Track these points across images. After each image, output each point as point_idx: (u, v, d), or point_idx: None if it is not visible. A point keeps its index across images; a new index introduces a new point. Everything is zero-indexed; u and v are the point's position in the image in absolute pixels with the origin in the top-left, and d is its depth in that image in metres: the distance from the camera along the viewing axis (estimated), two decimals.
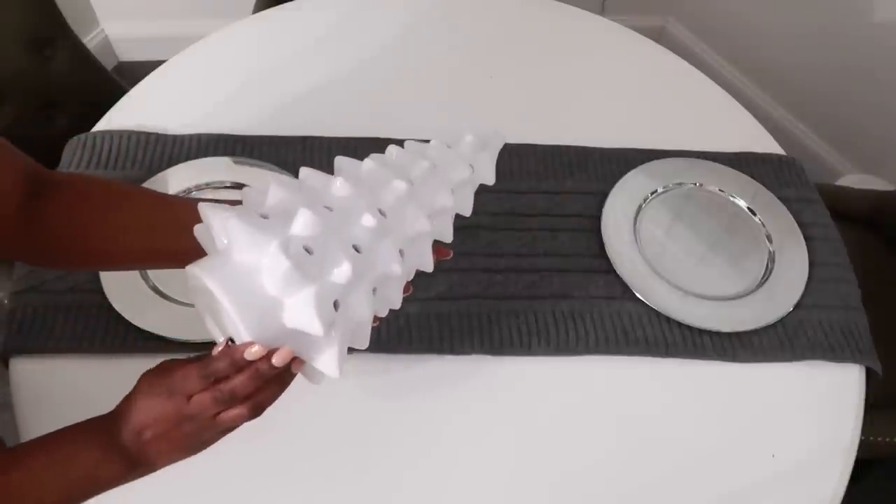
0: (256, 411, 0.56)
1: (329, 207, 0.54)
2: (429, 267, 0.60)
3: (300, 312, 0.50)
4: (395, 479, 0.79)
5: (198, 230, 0.55)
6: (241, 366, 0.52)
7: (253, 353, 0.51)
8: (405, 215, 0.57)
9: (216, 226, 0.52)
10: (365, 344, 0.57)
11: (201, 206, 0.53)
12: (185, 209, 0.67)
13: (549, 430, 0.83)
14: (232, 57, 1.17)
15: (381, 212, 0.55)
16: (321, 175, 0.57)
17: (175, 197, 0.70)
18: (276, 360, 0.52)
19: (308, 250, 0.51)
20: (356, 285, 0.53)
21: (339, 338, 0.53)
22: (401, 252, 0.56)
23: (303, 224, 0.51)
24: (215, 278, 0.50)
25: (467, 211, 0.63)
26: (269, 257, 0.50)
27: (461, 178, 0.62)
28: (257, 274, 0.50)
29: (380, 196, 0.56)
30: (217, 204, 0.54)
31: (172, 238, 0.64)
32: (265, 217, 0.53)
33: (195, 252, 0.57)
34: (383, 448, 0.80)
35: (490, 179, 0.65)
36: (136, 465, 0.57)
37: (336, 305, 0.52)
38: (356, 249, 0.53)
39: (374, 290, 0.55)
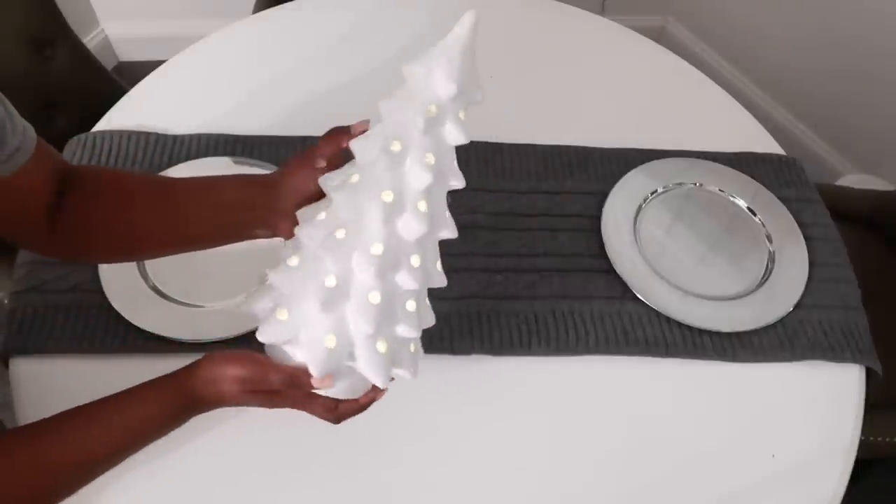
0: (339, 420, 0.64)
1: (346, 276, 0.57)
2: (454, 232, 0.63)
3: (367, 378, 0.60)
4: (394, 479, 0.79)
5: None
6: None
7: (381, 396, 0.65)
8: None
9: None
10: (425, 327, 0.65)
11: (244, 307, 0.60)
12: (201, 192, 0.69)
13: (548, 429, 0.83)
14: (232, 57, 1.17)
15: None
16: (311, 232, 0.59)
17: (189, 180, 0.71)
18: (380, 398, 0.65)
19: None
20: (388, 321, 0.59)
21: (400, 358, 0.62)
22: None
23: (312, 309, 0.57)
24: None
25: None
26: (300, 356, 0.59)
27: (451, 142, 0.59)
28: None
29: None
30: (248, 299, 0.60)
31: (195, 223, 0.67)
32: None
33: (212, 234, 0.66)
34: (382, 447, 0.80)
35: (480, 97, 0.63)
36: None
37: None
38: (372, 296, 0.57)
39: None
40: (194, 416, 0.62)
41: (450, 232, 0.61)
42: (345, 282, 0.56)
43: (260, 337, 0.58)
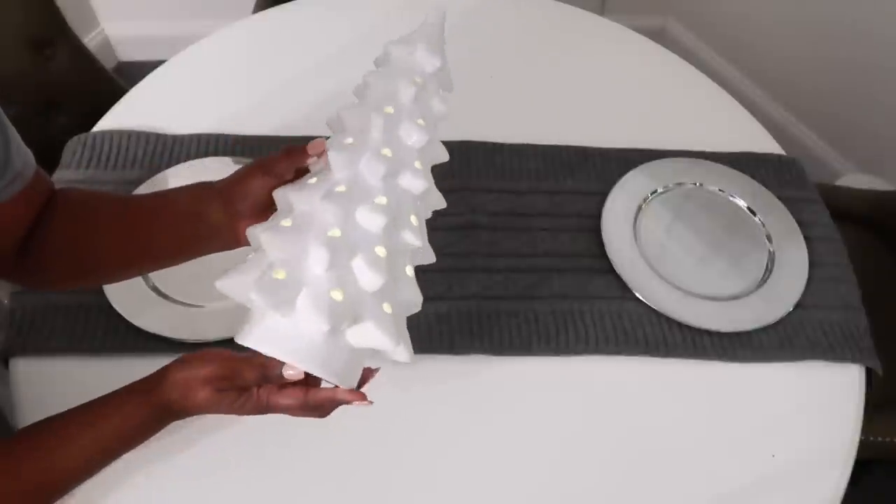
0: (327, 413, 0.60)
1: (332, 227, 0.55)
2: (441, 203, 0.63)
3: (365, 340, 0.54)
4: (393, 479, 0.79)
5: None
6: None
7: (360, 405, 0.59)
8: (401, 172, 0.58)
9: (241, 300, 0.55)
10: (419, 304, 0.60)
11: (219, 286, 0.56)
12: (158, 206, 0.68)
13: (548, 429, 0.83)
14: (232, 57, 1.17)
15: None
16: (303, 194, 0.57)
17: (148, 196, 0.71)
18: (357, 405, 0.59)
19: (335, 286, 0.52)
20: (393, 280, 0.55)
21: (401, 330, 0.56)
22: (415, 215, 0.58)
23: (316, 261, 0.52)
24: (266, 345, 0.53)
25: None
26: (303, 319, 0.52)
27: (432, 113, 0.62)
28: (301, 334, 0.53)
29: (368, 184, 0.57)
30: (230, 275, 0.56)
31: (156, 238, 0.66)
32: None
33: (172, 249, 0.65)
34: (381, 447, 0.80)
35: (443, 114, 0.64)
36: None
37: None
38: (378, 250, 0.54)
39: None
40: (172, 422, 0.61)
41: (438, 202, 0.63)
42: (350, 234, 0.54)
43: (255, 295, 0.51)
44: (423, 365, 0.85)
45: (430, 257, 0.61)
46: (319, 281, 0.52)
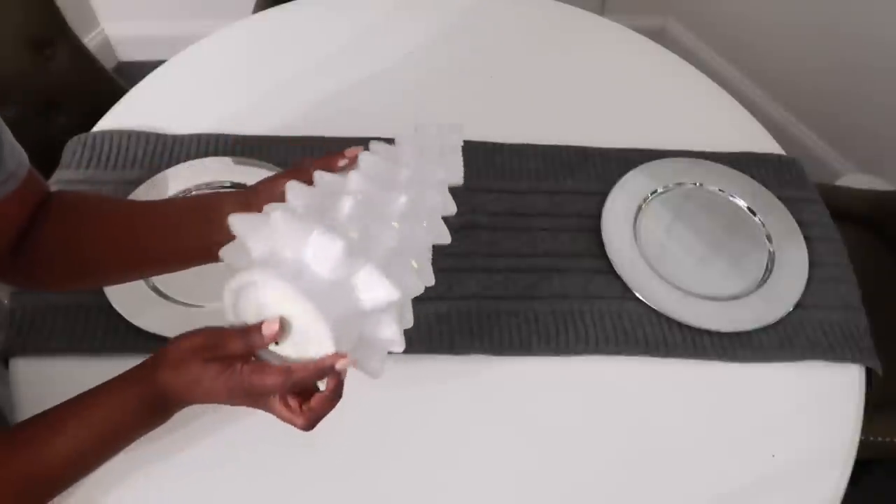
0: (311, 424, 0.59)
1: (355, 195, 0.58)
2: (447, 238, 0.65)
3: (372, 286, 0.53)
4: (392, 479, 0.79)
5: (226, 252, 0.56)
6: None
7: (342, 364, 0.54)
8: (422, 198, 0.62)
9: (252, 232, 0.54)
10: (411, 321, 0.60)
11: (232, 219, 0.54)
12: (160, 207, 0.69)
13: (548, 430, 0.83)
14: (232, 57, 1.17)
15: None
16: (333, 175, 0.62)
17: (153, 201, 0.72)
18: (339, 366, 0.54)
19: (352, 230, 0.54)
20: (400, 258, 0.57)
21: (396, 311, 0.56)
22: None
23: (338, 207, 0.55)
24: (268, 272, 0.52)
25: (452, 209, 0.67)
26: (315, 246, 0.51)
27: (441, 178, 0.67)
28: (310, 269, 0.52)
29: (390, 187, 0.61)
30: (244, 214, 0.55)
31: (153, 238, 0.67)
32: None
33: (171, 249, 0.65)
34: (381, 448, 0.80)
35: (459, 180, 0.69)
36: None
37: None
38: (394, 224, 0.58)
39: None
40: (169, 410, 0.59)
41: (444, 236, 0.66)
42: (371, 204, 0.57)
43: (276, 212, 0.52)
44: (423, 365, 0.85)
45: (429, 279, 0.62)
46: (339, 219, 0.54)
